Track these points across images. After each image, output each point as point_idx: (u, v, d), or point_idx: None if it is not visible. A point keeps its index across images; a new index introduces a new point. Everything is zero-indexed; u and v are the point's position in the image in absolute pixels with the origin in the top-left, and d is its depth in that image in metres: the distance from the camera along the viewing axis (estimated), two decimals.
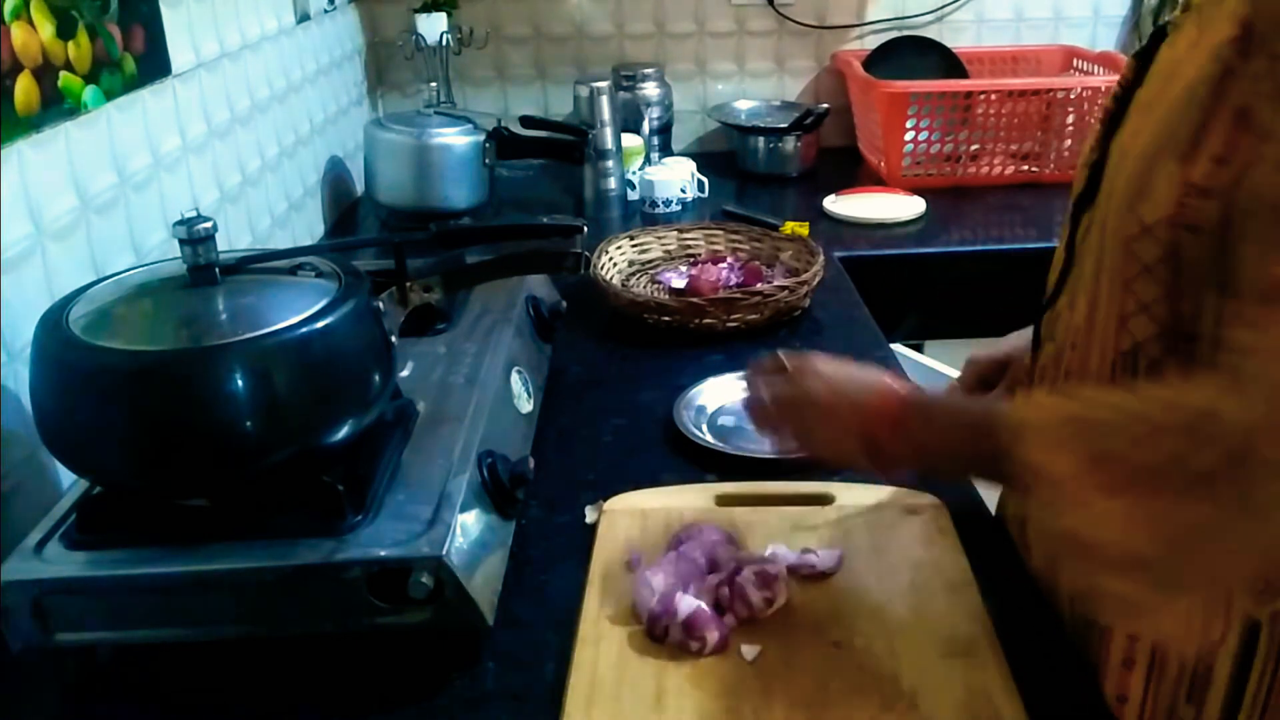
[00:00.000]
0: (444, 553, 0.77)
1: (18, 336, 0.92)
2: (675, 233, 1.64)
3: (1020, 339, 0.96)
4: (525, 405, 1.08)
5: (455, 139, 1.82)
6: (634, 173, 1.97)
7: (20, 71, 0.96)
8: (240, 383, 0.75)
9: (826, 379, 0.81)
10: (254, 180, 1.50)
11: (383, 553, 0.77)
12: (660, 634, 0.82)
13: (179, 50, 1.28)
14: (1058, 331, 0.82)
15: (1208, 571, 0.62)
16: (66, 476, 0.94)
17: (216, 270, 0.83)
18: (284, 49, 1.65)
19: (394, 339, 0.89)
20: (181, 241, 0.82)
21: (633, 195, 1.97)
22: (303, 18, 1.74)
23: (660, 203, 1.91)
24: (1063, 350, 0.80)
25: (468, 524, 0.82)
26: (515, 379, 1.08)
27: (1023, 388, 0.90)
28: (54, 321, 0.78)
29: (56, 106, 1.01)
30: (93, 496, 0.83)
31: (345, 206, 1.97)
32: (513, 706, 0.79)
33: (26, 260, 0.96)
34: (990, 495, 1.02)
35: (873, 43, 2.19)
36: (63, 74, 1.03)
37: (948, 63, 2.15)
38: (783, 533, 0.95)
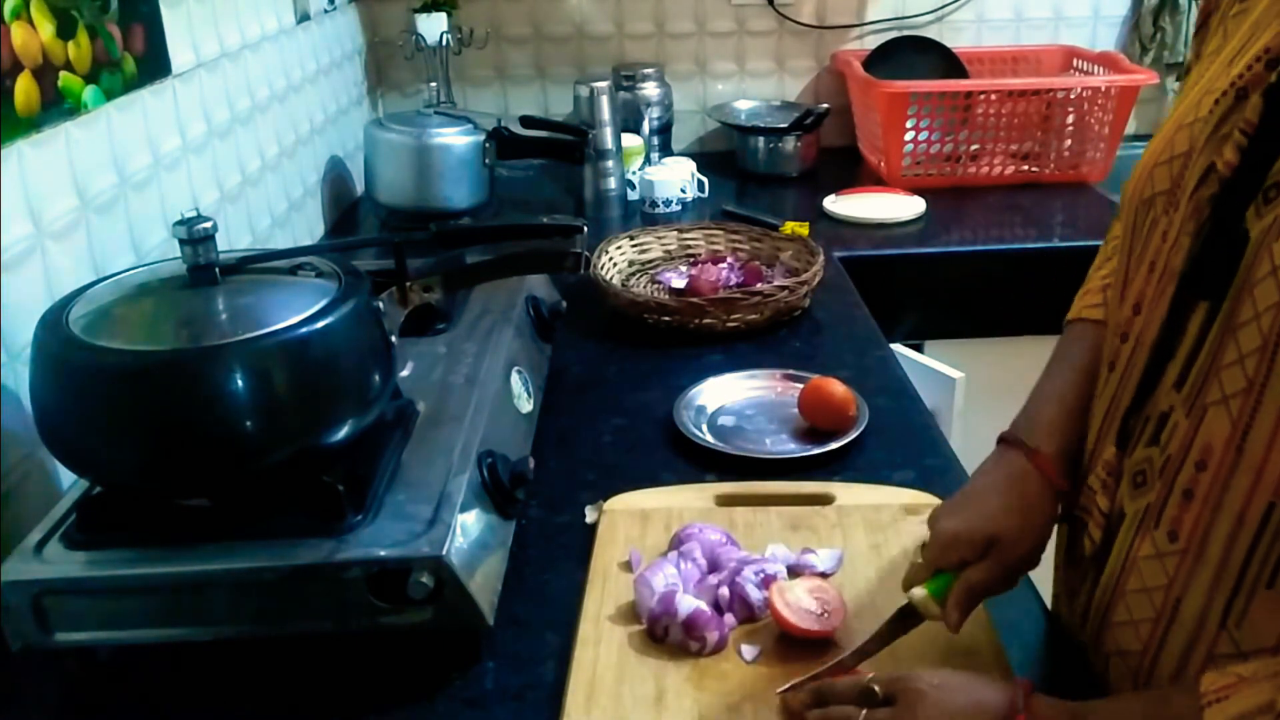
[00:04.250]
0: (444, 553, 0.77)
1: (18, 336, 0.92)
2: (675, 233, 1.64)
3: (998, 505, 0.77)
4: (525, 405, 1.08)
5: (455, 139, 1.82)
6: (634, 173, 1.97)
7: (20, 71, 0.96)
8: (240, 383, 0.75)
9: (938, 705, 0.65)
10: (254, 180, 1.50)
11: (383, 553, 0.77)
12: (660, 634, 0.82)
13: (179, 50, 1.28)
14: (1166, 439, 0.66)
15: None
16: (66, 476, 0.94)
17: (216, 270, 0.83)
18: (284, 49, 1.65)
19: (394, 339, 0.89)
20: (181, 241, 0.82)
21: (633, 195, 1.97)
22: (303, 18, 1.74)
23: (660, 203, 1.91)
24: (1178, 464, 0.65)
25: (468, 524, 0.82)
26: (515, 379, 1.08)
27: (1100, 494, 0.73)
28: (54, 321, 0.78)
29: (56, 106, 1.01)
30: (93, 496, 0.83)
31: (345, 206, 1.97)
32: (513, 706, 0.79)
33: (26, 260, 0.96)
34: None
35: (873, 43, 2.19)
36: (63, 74, 1.03)
37: (948, 63, 2.15)
38: (783, 533, 0.95)
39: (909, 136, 1.95)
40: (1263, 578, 0.60)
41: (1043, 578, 0.87)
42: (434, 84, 2.04)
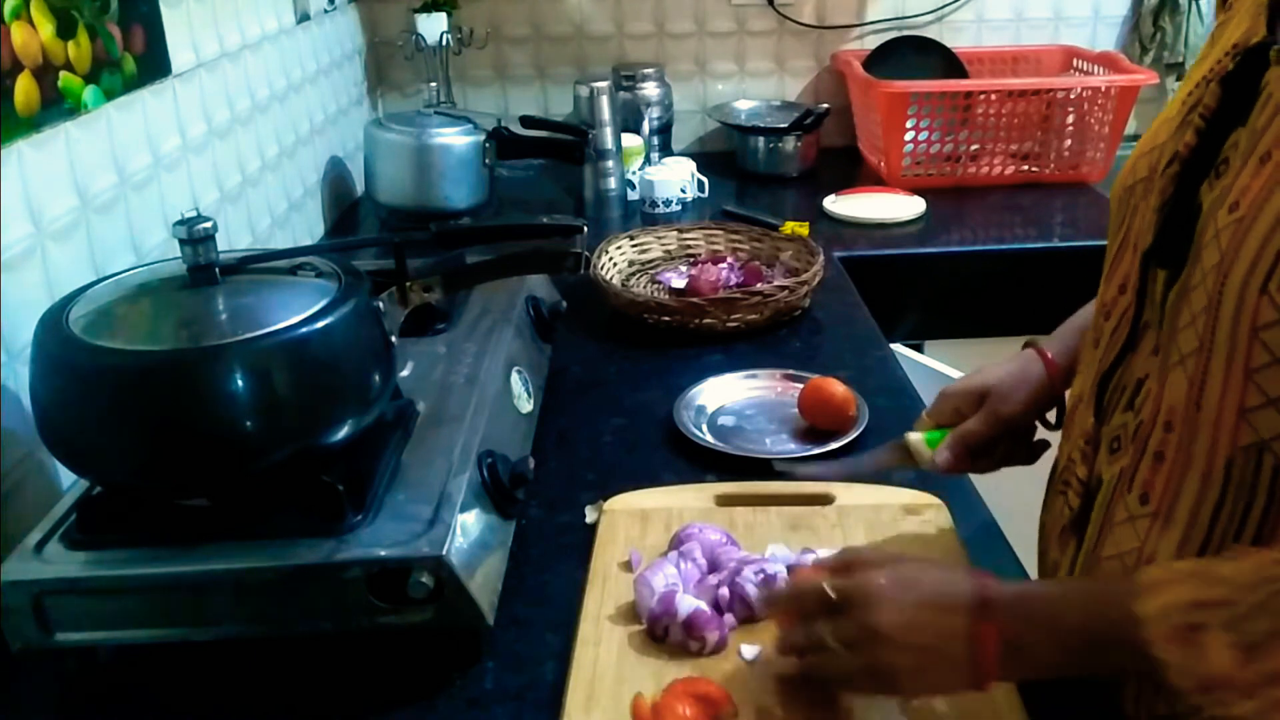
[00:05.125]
0: (444, 552, 0.77)
1: (18, 336, 0.92)
2: (675, 233, 1.64)
3: (997, 369, 0.90)
4: (525, 405, 1.08)
5: (455, 139, 1.82)
6: (634, 173, 1.97)
7: (20, 71, 0.96)
8: (240, 383, 0.75)
9: (895, 603, 0.65)
10: (254, 180, 1.50)
11: (383, 553, 0.77)
12: (660, 634, 0.82)
13: (179, 50, 1.28)
14: (1141, 404, 0.68)
15: None
16: (66, 476, 0.94)
17: (216, 270, 0.83)
18: (284, 49, 1.65)
19: (394, 339, 0.89)
20: (181, 241, 0.82)
21: (633, 195, 1.97)
22: (303, 18, 1.74)
23: (660, 203, 1.91)
24: (1149, 428, 0.67)
25: (468, 524, 0.82)
26: (515, 379, 1.08)
27: (1079, 464, 0.76)
28: (54, 321, 0.78)
29: (56, 106, 1.01)
30: (93, 496, 0.83)
31: (345, 206, 1.97)
32: (513, 706, 0.79)
33: (26, 260, 0.96)
34: (989, 497, 1.02)
35: (873, 43, 2.19)
36: (63, 74, 1.03)
37: (948, 63, 2.15)
38: (783, 533, 0.95)
39: (909, 136, 1.95)
40: (1229, 534, 0.62)
41: (1030, 564, 0.88)
42: (434, 84, 2.04)
